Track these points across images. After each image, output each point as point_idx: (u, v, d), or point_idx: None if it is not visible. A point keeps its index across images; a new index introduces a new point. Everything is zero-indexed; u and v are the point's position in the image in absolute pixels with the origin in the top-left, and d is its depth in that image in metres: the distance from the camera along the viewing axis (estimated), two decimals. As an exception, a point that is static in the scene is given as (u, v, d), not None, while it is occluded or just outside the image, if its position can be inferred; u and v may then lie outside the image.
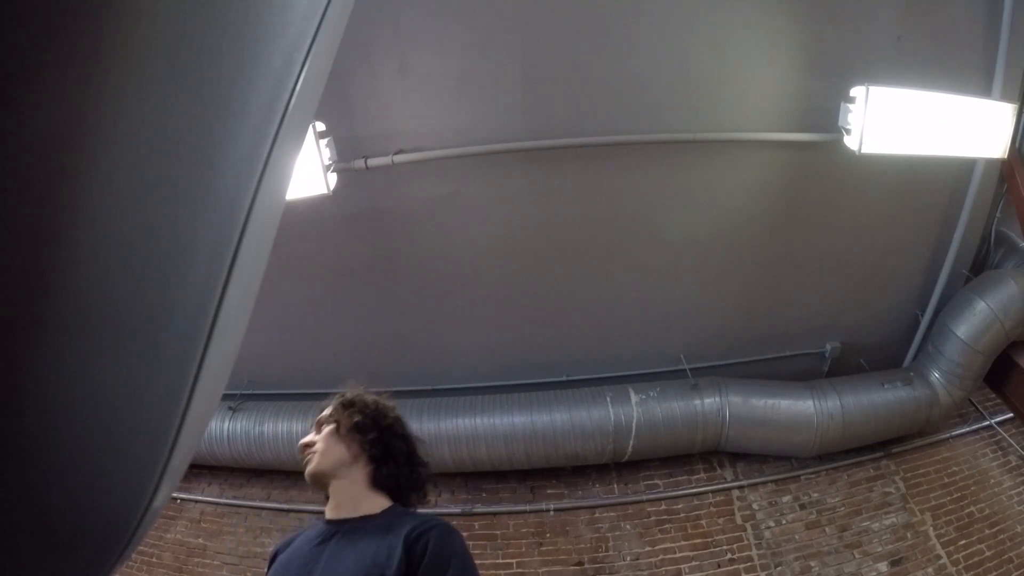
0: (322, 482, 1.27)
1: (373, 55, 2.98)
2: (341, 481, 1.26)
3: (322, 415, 1.36)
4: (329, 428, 1.31)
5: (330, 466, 1.26)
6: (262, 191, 0.42)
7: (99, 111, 0.29)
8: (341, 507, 1.23)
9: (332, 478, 1.26)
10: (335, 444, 1.29)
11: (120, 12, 0.29)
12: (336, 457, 1.27)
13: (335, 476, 1.26)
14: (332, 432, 1.30)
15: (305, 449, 1.30)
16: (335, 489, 1.26)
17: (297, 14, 0.42)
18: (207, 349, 0.40)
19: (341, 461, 1.27)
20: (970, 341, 3.79)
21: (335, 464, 1.26)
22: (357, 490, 1.26)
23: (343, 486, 1.26)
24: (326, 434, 1.30)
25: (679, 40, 3.08)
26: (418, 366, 4.05)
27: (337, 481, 1.26)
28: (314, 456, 1.27)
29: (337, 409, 1.35)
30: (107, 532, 0.38)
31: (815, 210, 3.73)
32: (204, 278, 0.38)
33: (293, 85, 0.43)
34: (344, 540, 1.16)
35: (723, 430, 3.88)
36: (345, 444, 1.29)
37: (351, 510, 1.22)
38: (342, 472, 1.26)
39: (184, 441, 0.41)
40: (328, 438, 1.30)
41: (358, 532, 1.17)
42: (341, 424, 1.31)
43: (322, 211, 3.23)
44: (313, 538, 1.20)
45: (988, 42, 3.29)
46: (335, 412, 1.35)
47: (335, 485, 1.26)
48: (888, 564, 3.66)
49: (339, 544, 1.15)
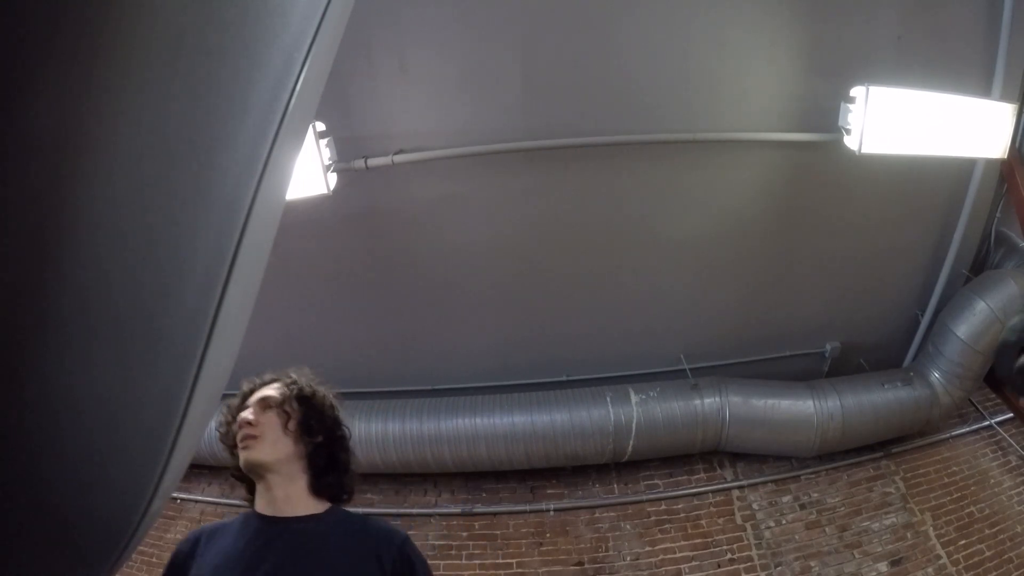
0: (259, 473, 1.17)
1: (373, 55, 2.98)
2: (280, 477, 1.16)
3: (270, 395, 1.24)
4: (278, 418, 1.21)
5: (274, 460, 1.16)
6: (262, 191, 0.42)
7: (99, 111, 0.29)
8: (278, 503, 1.15)
9: (271, 472, 1.16)
10: (282, 437, 1.19)
11: (120, 12, 0.29)
12: (282, 452, 1.18)
13: (275, 471, 1.16)
14: (281, 424, 1.20)
15: (245, 427, 1.18)
16: (272, 483, 1.16)
17: (297, 14, 0.42)
18: (207, 349, 0.40)
19: (284, 456, 1.18)
20: (970, 341, 3.79)
21: (279, 459, 1.17)
22: (297, 489, 1.18)
23: (281, 482, 1.16)
24: (274, 423, 1.20)
25: (679, 40, 3.08)
26: (418, 366, 4.05)
27: (276, 476, 1.16)
28: (256, 443, 1.17)
29: (289, 399, 1.24)
30: (107, 532, 0.38)
31: (815, 210, 3.73)
32: (204, 278, 0.38)
33: (293, 85, 0.43)
34: (297, 543, 1.08)
35: (723, 430, 3.88)
36: (292, 440, 1.19)
37: (290, 508, 1.15)
38: (283, 468, 1.17)
39: (184, 441, 0.41)
40: (276, 428, 1.19)
41: (311, 536, 1.10)
42: (291, 419, 1.21)
43: (322, 211, 3.22)
44: (247, 537, 1.10)
45: (988, 42, 3.29)
46: (287, 401, 1.23)
47: (272, 479, 1.16)
48: (888, 564, 3.66)
49: (291, 547, 1.07)
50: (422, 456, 3.78)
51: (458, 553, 3.75)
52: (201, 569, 1.08)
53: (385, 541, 1.10)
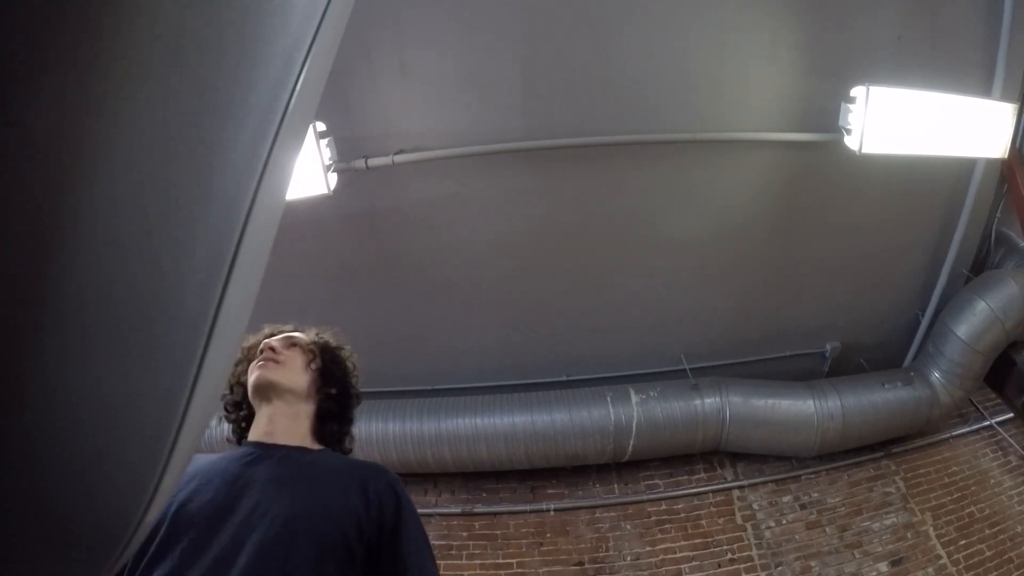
0: (266, 396, 1.15)
1: (373, 55, 2.98)
2: (285, 407, 1.15)
3: (299, 336, 1.26)
4: (300, 353, 1.22)
5: (288, 385, 1.16)
6: (262, 191, 0.42)
7: (98, 111, 0.29)
8: (276, 433, 1.12)
9: (279, 398, 1.15)
10: (302, 372, 1.20)
11: (119, 12, 0.29)
12: (298, 382, 1.18)
13: (283, 398, 1.15)
14: (304, 362, 1.21)
15: (269, 351, 1.19)
16: (276, 411, 1.15)
17: (297, 14, 0.42)
18: (207, 349, 0.40)
19: (299, 389, 1.17)
20: (970, 341, 3.79)
21: (293, 387, 1.17)
22: (299, 424, 1.16)
23: (285, 412, 1.15)
24: (297, 357, 1.21)
25: (679, 40, 3.08)
26: (418, 366, 4.06)
27: (282, 404, 1.15)
28: (275, 365, 1.17)
29: (315, 344, 1.26)
30: (107, 532, 0.38)
31: (815, 210, 3.73)
32: (204, 278, 0.38)
33: (293, 85, 0.43)
34: (286, 465, 1.05)
35: (723, 430, 3.88)
36: (310, 379, 1.20)
37: (286, 439, 1.12)
38: (292, 399, 1.16)
39: (184, 441, 0.41)
40: (298, 360, 1.21)
41: (300, 460, 1.08)
42: (314, 361, 1.23)
43: (322, 211, 3.22)
44: (235, 456, 1.07)
45: (988, 42, 3.29)
46: (311, 344, 1.25)
47: (278, 407, 1.15)
48: (888, 564, 3.66)
49: (279, 465, 1.04)
50: (422, 456, 3.78)
51: (458, 553, 3.75)
52: (189, 473, 1.03)
53: (373, 472, 1.08)
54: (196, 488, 0.99)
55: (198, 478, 1.01)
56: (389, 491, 1.04)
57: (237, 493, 0.97)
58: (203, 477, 1.01)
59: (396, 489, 1.06)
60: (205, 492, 0.97)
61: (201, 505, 0.95)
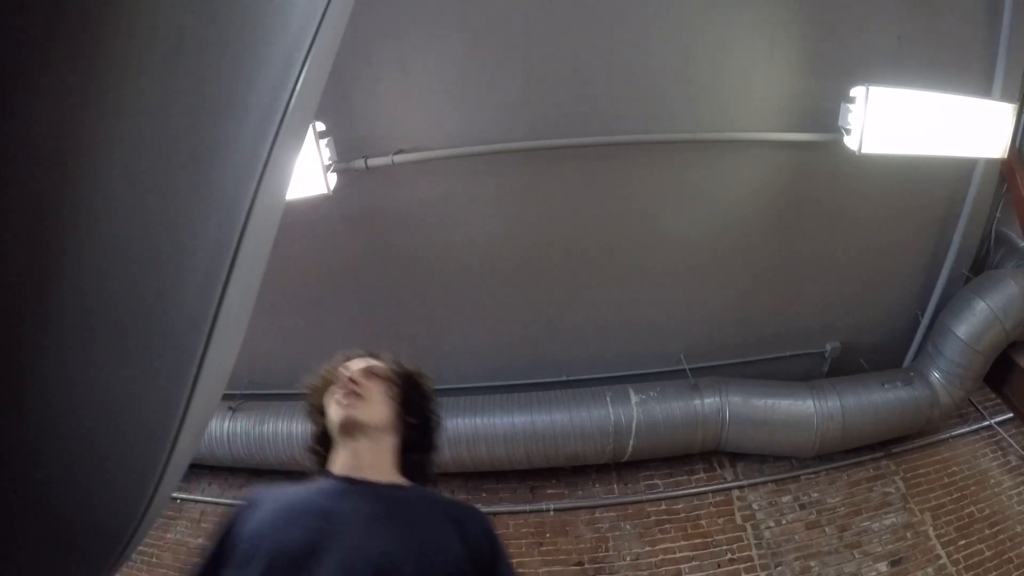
0: (352, 434, 1.11)
1: (373, 55, 2.98)
2: (372, 442, 1.12)
3: (376, 365, 1.23)
4: (382, 384, 1.19)
5: (374, 422, 1.13)
6: (262, 191, 0.42)
7: (99, 112, 0.29)
8: (361, 468, 1.09)
9: (365, 435, 1.12)
10: (385, 404, 1.16)
11: (120, 13, 0.29)
12: (382, 416, 1.14)
13: (369, 435, 1.12)
14: (386, 390, 1.18)
15: (351, 384, 1.15)
16: (362, 447, 1.11)
17: (297, 14, 0.42)
18: (207, 349, 0.40)
19: (383, 423, 1.14)
20: (970, 341, 3.79)
21: (378, 423, 1.13)
22: (384, 457, 1.13)
23: (372, 447, 1.12)
24: (379, 389, 1.17)
25: (679, 40, 3.08)
26: (418, 366, 4.05)
27: (367, 440, 1.12)
28: (360, 401, 1.13)
29: (395, 374, 1.23)
30: (107, 532, 0.38)
31: (815, 210, 3.73)
32: (204, 278, 0.38)
33: (293, 85, 0.43)
34: (377, 501, 1.01)
35: (723, 430, 3.88)
36: (392, 411, 1.17)
37: (373, 474, 1.08)
38: (377, 434, 1.13)
39: (184, 441, 0.41)
40: (383, 393, 1.17)
41: (393, 502, 1.03)
42: (395, 391, 1.19)
43: (322, 211, 3.22)
44: (321, 486, 1.04)
45: (988, 42, 3.29)
46: (392, 376, 1.22)
47: (362, 443, 1.11)
48: (888, 564, 3.66)
49: (373, 507, 0.99)
50: (422, 456, 3.78)
51: (458, 553, 3.74)
52: (267, 511, 0.98)
53: (469, 515, 1.05)
54: (274, 520, 0.95)
55: (273, 507, 0.98)
56: (486, 537, 1.03)
57: (329, 530, 0.92)
58: (283, 509, 0.98)
59: (492, 534, 1.04)
60: (291, 528, 0.92)
61: (288, 540, 0.90)
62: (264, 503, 1.00)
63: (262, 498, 1.03)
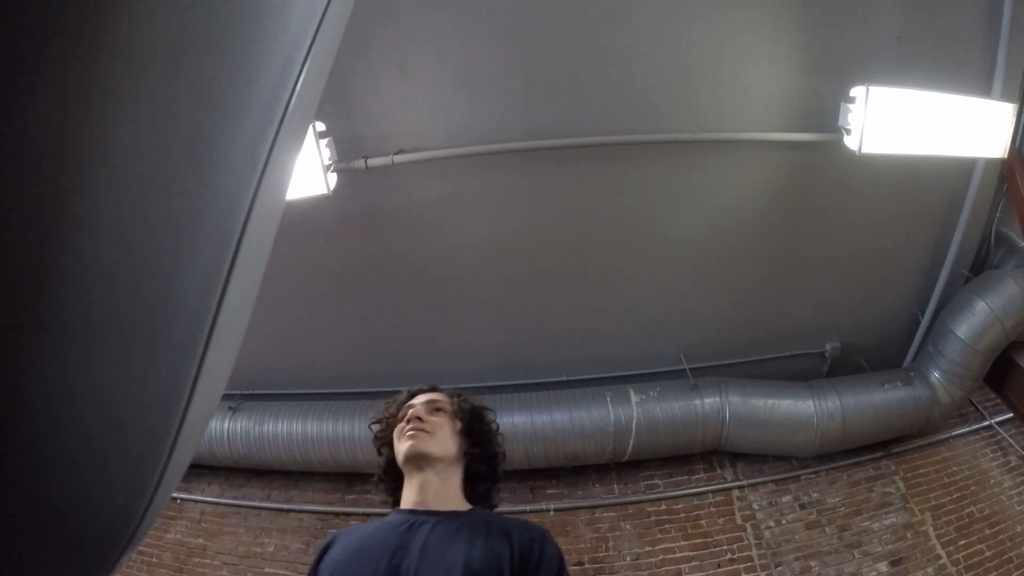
0: (419, 465, 1.18)
1: (373, 55, 2.98)
2: (438, 474, 1.18)
3: (440, 399, 1.29)
4: (446, 419, 1.25)
5: (440, 453, 1.19)
6: (262, 191, 0.42)
7: (99, 111, 0.29)
8: (427, 499, 1.15)
9: (431, 467, 1.18)
10: (452, 436, 1.23)
11: (120, 12, 0.29)
12: (449, 449, 1.21)
13: (434, 467, 1.18)
14: (449, 424, 1.24)
15: (416, 421, 1.21)
16: (426, 479, 1.17)
17: (297, 14, 0.42)
18: (207, 349, 0.40)
19: (449, 456, 1.20)
20: (970, 341, 3.79)
21: (445, 454, 1.19)
22: (450, 488, 1.19)
23: (438, 478, 1.18)
24: (444, 423, 1.24)
25: (679, 40, 3.08)
26: (418, 366, 4.05)
27: (433, 473, 1.18)
28: (426, 435, 1.19)
29: (458, 409, 1.29)
30: (107, 532, 0.38)
31: (815, 210, 3.73)
32: (204, 278, 0.38)
33: (293, 85, 0.43)
34: (440, 528, 1.07)
35: (723, 430, 3.88)
36: (456, 444, 1.23)
37: (439, 504, 1.15)
38: (443, 466, 1.19)
39: (184, 441, 0.41)
40: (445, 428, 1.23)
41: (453, 524, 1.09)
42: (460, 424, 1.26)
43: (322, 211, 3.23)
44: (392, 524, 1.10)
45: (988, 42, 3.29)
46: (455, 410, 1.28)
47: (429, 475, 1.17)
48: (888, 564, 3.66)
49: (435, 531, 1.06)
50: (422, 456, 3.78)
51: (458, 553, 3.74)
52: (340, 552, 1.07)
53: (520, 526, 1.10)
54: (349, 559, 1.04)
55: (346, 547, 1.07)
56: (531, 545, 1.05)
57: (398, 562, 1.00)
58: (356, 549, 1.06)
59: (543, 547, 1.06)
60: (368, 566, 1.01)
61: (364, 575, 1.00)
62: (338, 543, 1.10)
63: (338, 539, 1.12)
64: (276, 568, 3.80)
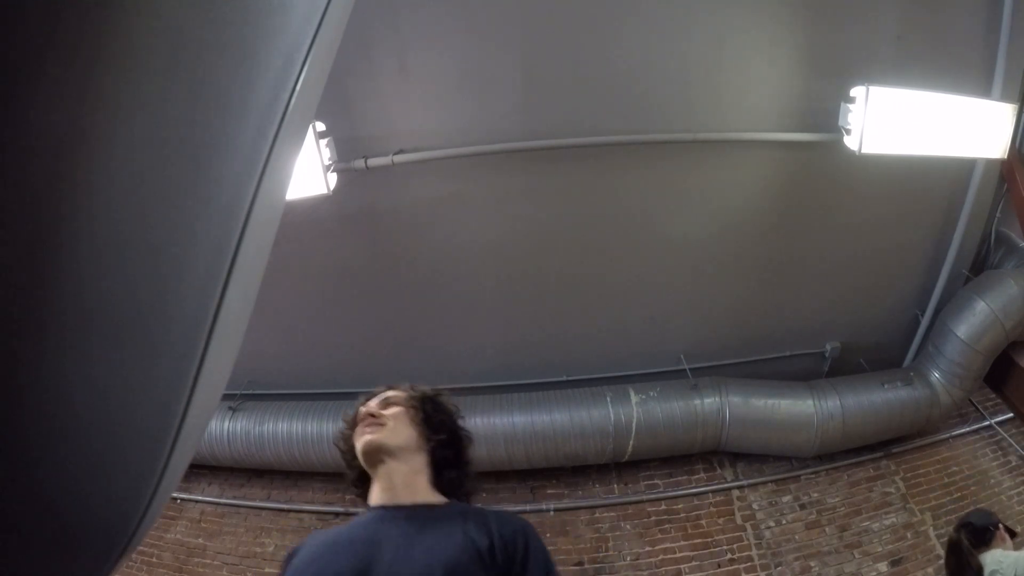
0: (378, 458, 1.15)
1: (373, 55, 2.98)
2: (399, 464, 1.15)
3: (392, 394, 1.26)
4: (400, 409, 1.21)
5: (396, 444, 1.15)
6: (262, 191, 0.42)
7: (99, 111, 0.29)
8: (396, 492, 1.12)
9: (391, 458, 1.15)
10: (406, 427, 1.19)
11: (120, 13, 0.29)
12: (406, 437, 1.17)
13: (395, 457, 1.15)
14: (404, 414, 1.21)
15: (368, 418, 1.19)
16: (390, 471, 1.14)
17: (297, 14, 0.42)
18: (207, 349, 0.40)
19: (408, 444, 1.17)
20: (970, 341, 3.79)
21: (402, 444, 1.16)
22: (417, 479, 1.15)
23: (400, 470, 1.14)
24: (398, 414, 1.20)
25: (679, 40, 3.08)
26: (418, 366, 4.05)
27: (395, 463, 1.14)
28: (380, 428, 1.16)
29: (412, 398, 1.26)
30: (107, 532, 0.38)
31: (815, 210, 3.73)
32: (204, 278, 0.38)
33: (293, 85, 0.43)
34: (415, 522, 1.04)
35: (723, 430, 3.88)
36: (416, 432, 1.19)
37: (408, 496, 1.11)
38: (404, 456, 1.15)
39: (184, 442, 0.41)
40: (400, 418, 1.20)
41: (426, 517, 1.07)
42: (416, 414, 1.22)
43: (322, 211, 3.23)
44: (361, 521, 1.08)
45: (988, 42, 3.29)
46: (409, 400, 1.25)
47: (391, 466, 1.14)
48: (888, 564, 3.66)
49: (409, 524, 1.04)
50: (422, 456, 3.78)
51: (458, 553, 3.74)
52: (307, 552, 1.05)
53: (500, 517, 1.07)
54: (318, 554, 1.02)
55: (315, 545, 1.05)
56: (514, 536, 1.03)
57: (371, 555, 0.98)
58: (326, 544, 1.04)
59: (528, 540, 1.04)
60: (339, 559, 0.99)
61: (335, 569, 0.97)
62: (305, 548, 1.07)
63: (305, 543, 1.09)
64: (276, 568, 3.77)
